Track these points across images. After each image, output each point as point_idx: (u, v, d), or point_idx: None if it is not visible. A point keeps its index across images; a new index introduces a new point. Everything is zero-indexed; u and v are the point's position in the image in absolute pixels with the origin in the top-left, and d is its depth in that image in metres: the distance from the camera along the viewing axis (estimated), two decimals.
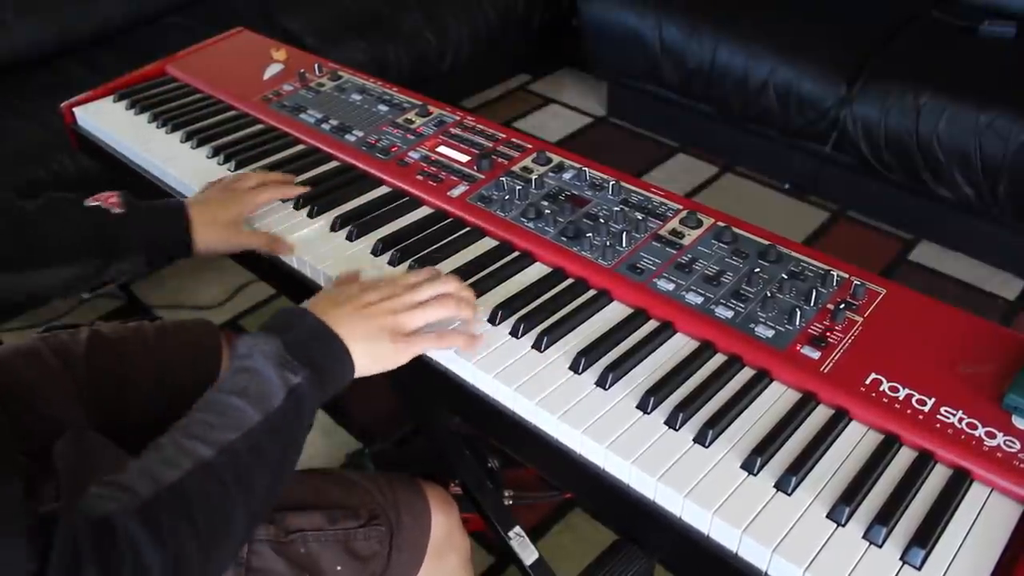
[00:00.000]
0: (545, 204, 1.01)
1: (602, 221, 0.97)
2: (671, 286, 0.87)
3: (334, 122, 1.23)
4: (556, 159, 1.10)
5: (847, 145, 2.18)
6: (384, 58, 2.42)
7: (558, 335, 0.83)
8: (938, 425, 0.71)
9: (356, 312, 0.77)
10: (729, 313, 0.83)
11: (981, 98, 1.95)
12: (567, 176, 1.07)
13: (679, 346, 0.82)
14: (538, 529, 1.53)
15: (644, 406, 0.75)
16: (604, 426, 0.73)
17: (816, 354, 0.78)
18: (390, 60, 2.43)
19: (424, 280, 0.83)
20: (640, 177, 1.11)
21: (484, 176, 1.07)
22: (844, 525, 0.65)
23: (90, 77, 1.86)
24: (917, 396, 0.74)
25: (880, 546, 0.63)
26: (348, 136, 1.19)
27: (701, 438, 0.71)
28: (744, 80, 2.30)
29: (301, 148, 1.21)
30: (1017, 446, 0.69)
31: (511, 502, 1.30)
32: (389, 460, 1.56)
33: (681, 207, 1.00)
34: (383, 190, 1.10)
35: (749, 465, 0.69)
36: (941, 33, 2.23)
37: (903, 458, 0.70)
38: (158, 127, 1.28)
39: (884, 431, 0.72)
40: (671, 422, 0.73)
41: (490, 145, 1.14)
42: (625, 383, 0.77)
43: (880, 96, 2.08)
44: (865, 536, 0.64)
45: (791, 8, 2.39)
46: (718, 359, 0.80)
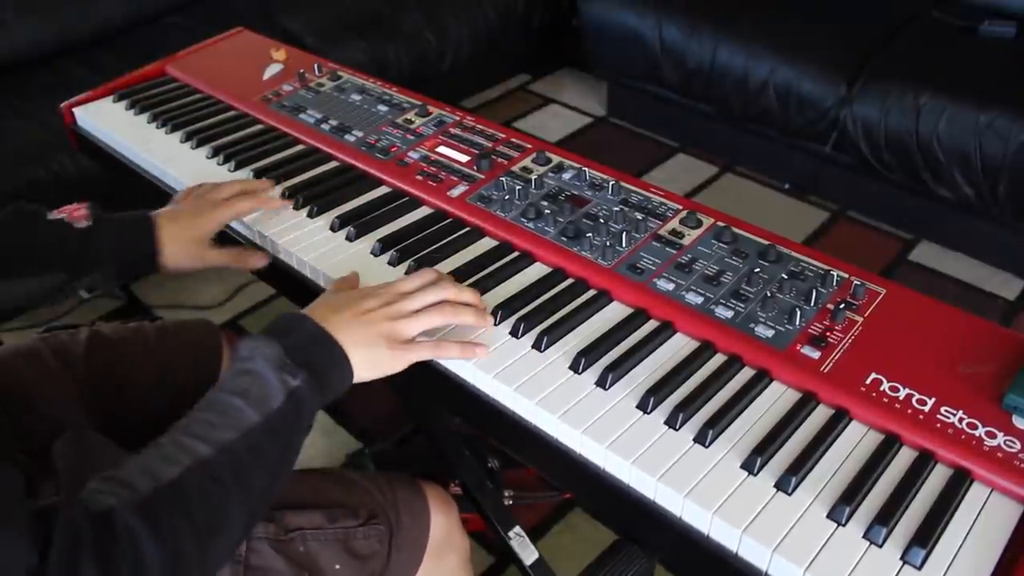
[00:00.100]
0: (545, 204, 1.01)
1: (602, 221, 0.97)
2: (671, 286, 0.87)
3: (334, 122, 1.23)
4: (556, 159, 1.10)
5: (847, 145, 2.18)
6: (384, 58, 2.42)
7: (558, 335, 0.83)
8: (938, 425, 0.71)
9: (354, 319, 0.77)
10: (729, 313, 0.83)
11: (981, 98, 1.95)
12: (567, 176, 1.07)
13: (679, 346, 0.82)
14: (538, 529, 1.53)
15: (644, 406, 0.75)
16: (604, 426, 0.73)
17: (816, 354, 0.78)
18: (390, 60, 2.43)
19: (422, 286, 0.83)
20: (640, 177, 1.11)
21: (484, 176, 1.07)
22: (844, 525, 0.65)
23: (90, 77, 1.86)
24: (917, 396, 0.74)
25: (880, 546, 0.63)
26: (348, 136, 1.19)
27: (701, 438, 0.71)
28: (744, 80, 2.30)
29: (301, 148, 1.21)
30: (1017, 446, 0.69)
31: (511, 502, 1.30)
32: (389, 460, 1.56)
33: (681, 207, 1.00)
34: (383, 190, 1.10)
35: (749, 465, 0.69)
36: (941, 33, 2.23)
37: (903, 458, 0.70)
38: (158, 127, 1.28)
39: (884, 431, 0.72)
40: (671, 422, 0.73)
41: (490, 145, 1.14)
42: (625, 383, 0.77)
43: (880, 96, 2.08)
44: (865, 536, 0.64)
45: (791, 8, 2.39)
46: (718, 359, 0.80)
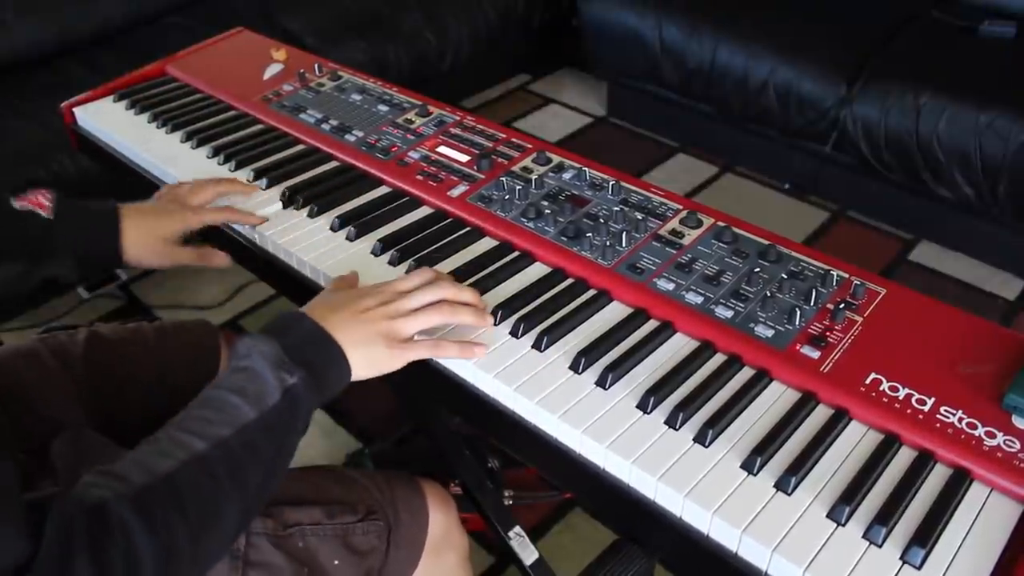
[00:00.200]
0: (545, 204, 1.01)
1: (602, 221, 0.97)
2: (671, 286, 0.87)
3: (334, 122, 1.23)
4: (556, 159, 1.10)
5: (847, 145, 2.18)
6: (384, 58, 2.42)
7: (558, 335, 0.83)
8: (938, 425, 0.71)
9: (352, 317, 0.77)
10: (729, 313, 0.83)
11: (981, 98, 1.95)
12: (567, 176, 1.07)
13: (679, 346, 0.82)
14: (538, 529, 1.53)
15: (644, 406, 0.75)
16: (604, 426, 0.73)
17: (816, 354, 0.78)
18: (390, 60, 2.43)
19: (420, 285, 0.83)
20: (640, 177, 1.11)
21: (484, 176, 1.07)
22: (844, 525, 0.65)
23: (90, 77, 1.86)
24: (917, 396, 0.74)
25: (880, 546, 0.63)
26: (348, 136, 1.19)
27: (701, 438, 0.71)
28: (744, 80, 2.30)
29: (301, 148, 1.21)
30: (1017, 446, 0.69)
31: (511, 502, 1.30)
32: (389, 460, 1.56)
33: (681, 207, 1.00)
34: (383, 190, 1.10)
35: (749, 465, 0.69)
36: (941, 33, 2.23)
37: (903, 458, 0.70)
38: (158, 127, 1.28)
39: (884, 431, 0.72)
40: (671, 422, 0.73)
41: (490, 145, 1.14)
42: (625, 383, 0.77)
43: (880, 96, 2.08)
44: (865, 536, 0.64)
45: (791, 8, 2.39)
46: (718, 359, 0.80)
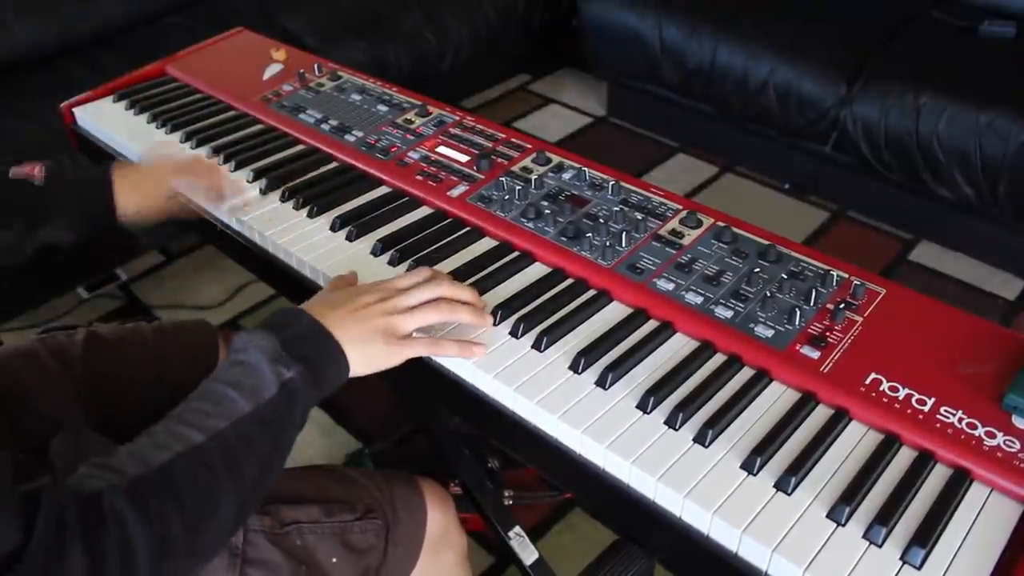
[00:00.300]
0: (545, 204, 1.01)
1: (602, 221, 0.97)
2: (671, 286, 0.87)
3: (334, 122, 1.23)
4: (556, 159, 1.10)
5: (847, 145, 2.18)
6: (384, 58, 2.41)
7: (558, 335, 0.83)
8: (938, 425, 0.71)
9: (351, 314, 0.77)
10: (729, 313, 0.83)
11: (981, 98, 1.94)
12: (567, 176, 1.07)
13: (679, 346, 0.82)
14: (538, 529, 1.53)
15: (644, 406, 0.75)
16: (604, 426, 0.73)
17: (816, 354, 0.78)
18: (390, 60, 2.43)
19: (419, 283, 0.83)
20: (640, 177, 1.11)
21: (484, 176, 1.07)
22: (844, 525, 0.65)
23: (90, 77, 1.86)
24: (917, 396, 0.73)
25: (880, 546, 0.63)
26: (348, 136, 1.19)
27: (701, 438, 0.71)
28: (744, 80, 2.30)
29: (301, 148, 1.21)
30: (1017, 446, 0.69)
31: (511, 502, 1.30)
32: (389, 460, 1.56)
33: (681, 207, 0.99)
34: (383, 190, 1.10)
35: (749, 465, 0.69)
36: (941, 33, 2.23)
37: (903, 458, 0.70)
38: (158, 127, 1.28)
39: (884, 431, 0.72)
40: (671, 422, 0.73)
41: (490, 145, 1.14)
42: (625, 383, 0.77)
43: (880, 96, 2.08)
44: (865, 536, 0.64)
45: (791, 8, 2.39)
46: (718, 359, 0.80)
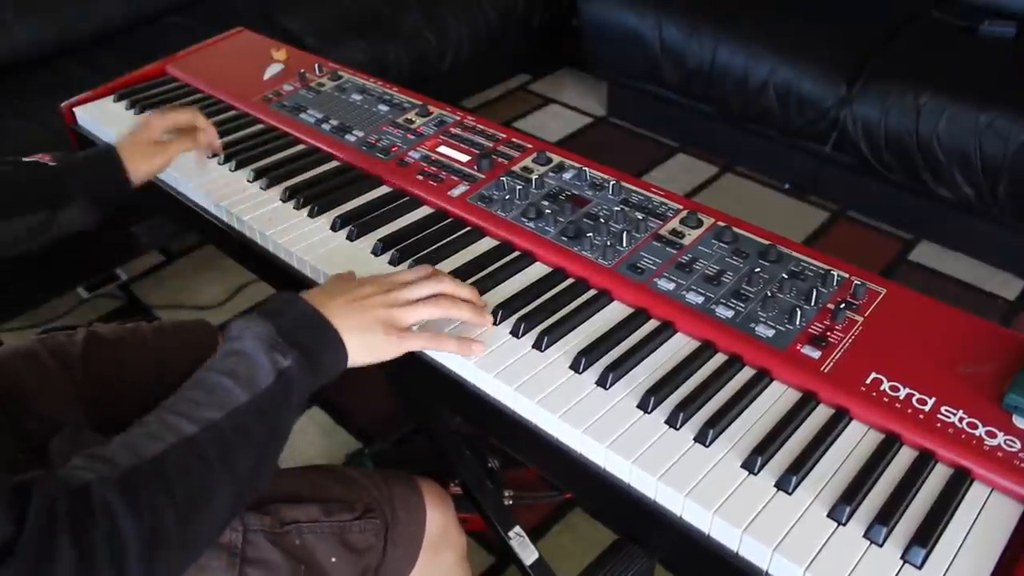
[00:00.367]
0: (545, 204, 1.01)
1: (602, 221, 0.97)
2: (671, 286, 0.87)
3: (334, 122, 1.23)
4: (556, 159, 1.10)
5: (847, 145, 2.18)
6: (384, 58, 2.41)
7: (558, 335, 0.83)
8: (938, 425, 0.71)
9: (350, 303, 0.77)
10: (729, 313, 0.83)
11: (981, 98, 1.95)
12: (567, 176, 1.07)
13: (679, 346, 0.82)
14: (538, 529, 1.53)
15: (644, 406, 0.75)
16: (604, 426, 0.73)
17: (816, 354, 0.78)
18: (390, 60, 2.43)
19: (420, 278, 0.83)
20: (640, 177, 1.11)
21: (484, 176, 1.07)
22: (845, 524, 0.65)
23: (90, 77, 1.86)
24: (917, 396, 0.74)
25: (881, 545, 0.63)
26: (348, 136, 1.19)
27: (702, 437, 0.71)
28: (744, 80, 2.30)
29: (301, 148, 1.21)
30: (1017, 446, 0.69)
31: (511, 502, 1.30)
32: (389, 460, 1.56)
33: (681, 207, 1.00)
34: (383, 190, 1.10)
35: (750, 465, 0.69)
36: (941, 33, 2.23)
37: (903, 458, 0.70)
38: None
39: (884, 431, 0.72)
40: (672, 421, 0.73)
41: (490, 145, 1.14)
42: (625, 383, 0.77)
43: (880, 96, 2.08)
44: (866, 535, 0.64)
45: (791, 8, 2.39)
46: (718, 359, 0.80)
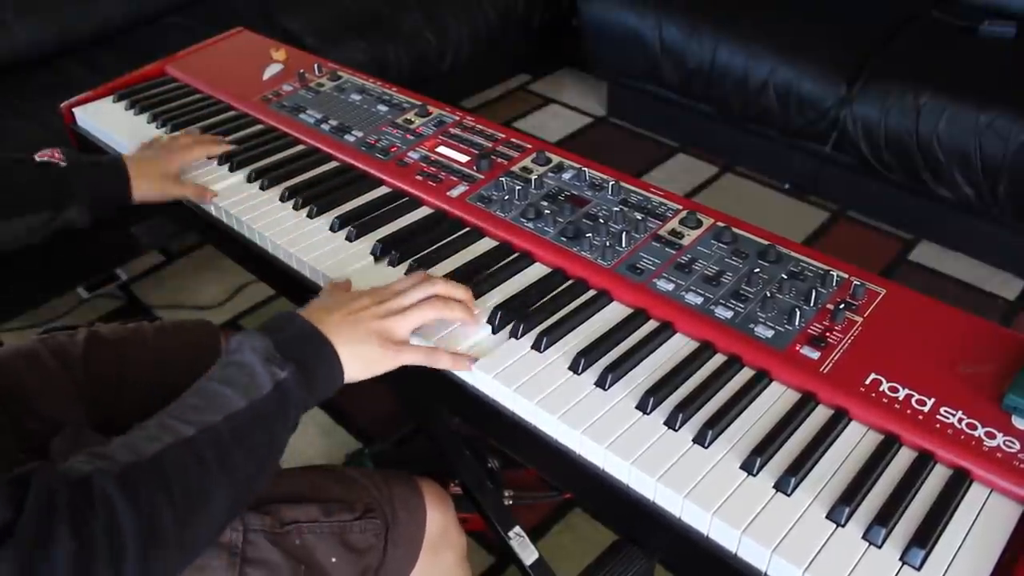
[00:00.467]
0: (545, 204, 1.01)
1: (602, 221, 0.97)
2: (671, 286, 0.87)
3: (334, 122, 1.23)
4: (556, 159, 1.10)
5: (847, 145, 2.18)
6: (384, 58, 2.41)
7: (558, 335, 0.83)
8: (938, 425, 0.71)
9: (346, 318, 0.78)
10: (729, 313, 0.83)
11: (981, 98, 1.94)
12: (567, 176, 1.07)
13: (679, 346, 0.82)
14: (538, 529, 1.53)
15: (644, 406, 0.74)
16: (604, 426, 0.73)
17: (816, 354, 0.78)
18: (390, 60, 2.43)
19: (412, 285, 0.83)
20: (640, 177, 1.11)
21: (484, 176, 1.07)
22: (844, 525, 0.65)
23: (90, 77, 1.86)
24: (917, 396, 0.73)
25: (880, 546, 0.63)
26: (348, 136, 1.19)
27: (701, 438, 0.71)
28: (744, 80, 2.30)
29: (301, 148, 1.21)
30: (1017, 446, 0.69)
31: (511, 502, 1.30)
32: (389, 460, 1.56)
33: (681, 207, 0.99)
34: (383, 190, 1.10)
35: (749, 465, 0.69)
36: (941, 33, 2.23)
37: (903, 458, 0.70)
38: (158, 127, 1.28)
39: (884, 431, 0.72)
40: (671, 422, 0.73)
41: (490, 145, 1.14)
42: (625, 383, 0.77)
43: (880, 96, 2.08)
44: (865, 536, 0.64)
45: (791, 8, 2.39)
46: (718, 359, 0.80)
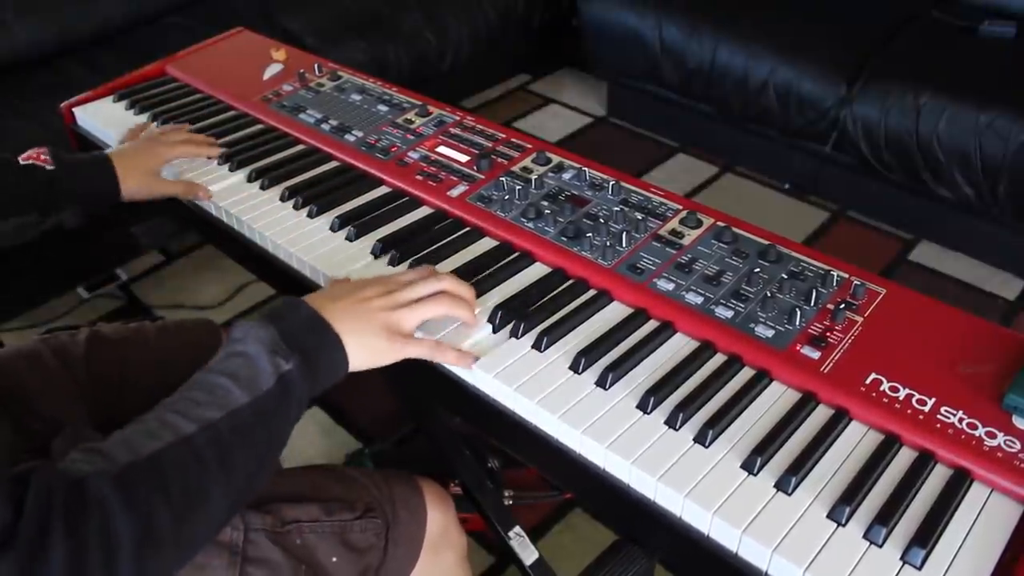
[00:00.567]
0: (545, 204, 1.01)
1: (602, 221, 0.97)
2: (671, 286, 0.87)
3: (334, 122, 1.23)
4: (556, 159, 1.10)
5: (847, 145, 2.18)
6: (384, 58, 2.42)
7: (558, 335, 0.83)
8: (938, 425, 0.71)
9: (352, 307, 0.77)
10: (729, 313, 0.83)
11: (981, 98, 1.95)
12: (567, 176, 1.07)
13: (679, 346, 0.82)
14: (538, 529, 1.53)
15: (644, 406, 0.75)
16: (604, 426, 0.73)
17: (816, 354, 0.78)
18: (390, 60, 2.43)
19: (420, 278, 0.83)
20: (640, 177, 1.11)
21: (484, 176, 1.07)
22: (844, 525, 0.65)
23: (90, 77, 1.86)
24: (917, 396, 0.74)
25: (880, 546, 0.63)
26: (348, 136, 1.19)
27: (701, 438, 0.71)
28: (744, 80, 2.30)
29: (301, 148, 1.21)
30: (1017, 446, 0.69)
31: (511, 502, 1.30)
32: (389, 460, 1.56)
33: (681, 207, 1.00)
34: (383, 190, 1.10)
35: (749, 465, 0.69)
36: (941, 33, 2.23)
37: (903, 458, 0.70)
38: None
39: (884, 431, 0.72)
40: (671, 422, 0.73)
41: (490, 145, 1.14)
42: (625, 383, 0.77)
43: (880, 96, 2.08)
44: (865, 536, 0.64)
45: (791, 8, 2.39)
46: (718, 359, 0.80)
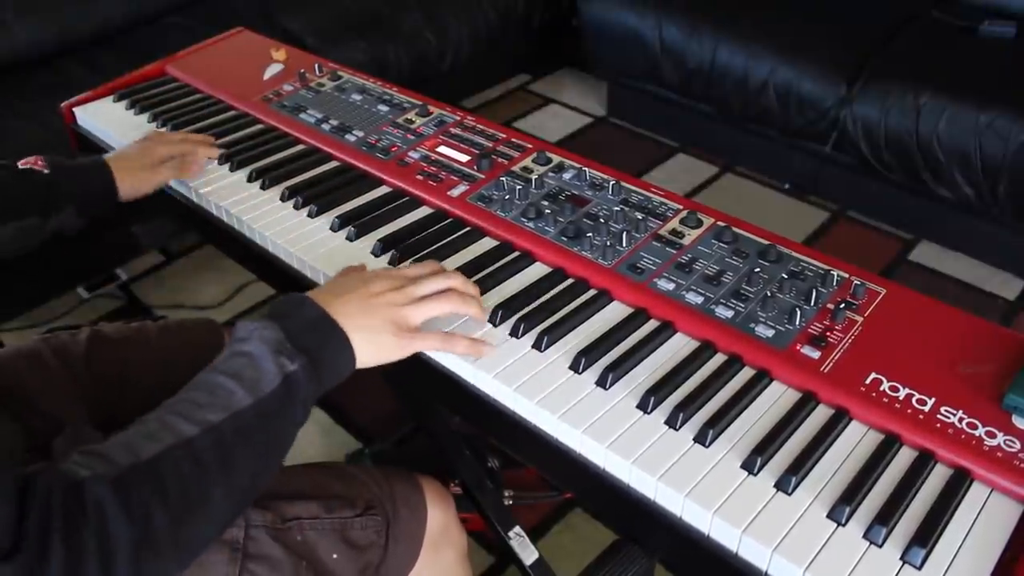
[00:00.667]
0: (545, 204, 1.01)
1: (602, 221, 0.97)
2: (671, 286, 0.87)
3: (334, 122, 1.23)
4: (556, 159, 1.10)
5: (847, 145, 2.18)
6: (384, 58, 2.42)
7: (558, 335, 0.83)
8: (938, 425, 0.71)
9: (359, 302, 0.76)
10: (729, 313, 0.83)
11: (981, 98, 1.95)
12: (567, 176, 1.07)
13: (679, 346, 0.82)
14: (538, 529, 1.53)
15: (644, 406, 0.75)
16: (604, 426, 0.73)
17: (816, 354, 0.78)
18: (390, 60, 2.43)
19: (429, 273, 0.83)
20: (640, 177, 1.11)
21: (484, 176, 1.07)
22: (844, 525, 0.65)
23: (90, 77, 1.86)
24: (917, 396, 0.74)
25: (880, 546, 0.63)
26: (348, 136, 1.19)
27: (701, 438, 0.71)
28: (744, 80, 2.30)
29: (301, 148, 1.21)
30: (1017, 446, 0.69)
31: (511, 502, 1.30)
32: (388, 460, 1.56)
33: (681, 207, 1.00)
34: (383, 190, 1.10)
35: (749, 465, 0.69)
36: (941, 33, 2.23)
37: (903, 458, 0.70)
38: (158, 127, 1.28)
39: (884, 431, 0.72)
40: (671, 422, 0.73)
41: (490, 145, 1.14)
42: (625, 383, 0.77)
43: (880, 96, 2.08)
44: (865, 536, 0.64)
45: (791, 8, 2.39)
46: (718, 359, 0.80)
